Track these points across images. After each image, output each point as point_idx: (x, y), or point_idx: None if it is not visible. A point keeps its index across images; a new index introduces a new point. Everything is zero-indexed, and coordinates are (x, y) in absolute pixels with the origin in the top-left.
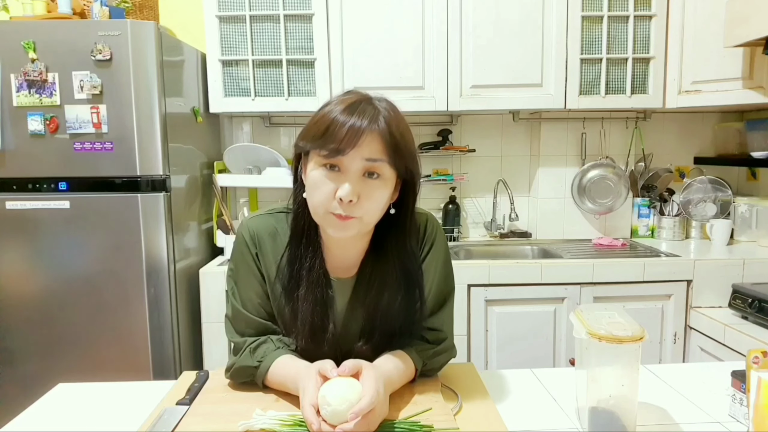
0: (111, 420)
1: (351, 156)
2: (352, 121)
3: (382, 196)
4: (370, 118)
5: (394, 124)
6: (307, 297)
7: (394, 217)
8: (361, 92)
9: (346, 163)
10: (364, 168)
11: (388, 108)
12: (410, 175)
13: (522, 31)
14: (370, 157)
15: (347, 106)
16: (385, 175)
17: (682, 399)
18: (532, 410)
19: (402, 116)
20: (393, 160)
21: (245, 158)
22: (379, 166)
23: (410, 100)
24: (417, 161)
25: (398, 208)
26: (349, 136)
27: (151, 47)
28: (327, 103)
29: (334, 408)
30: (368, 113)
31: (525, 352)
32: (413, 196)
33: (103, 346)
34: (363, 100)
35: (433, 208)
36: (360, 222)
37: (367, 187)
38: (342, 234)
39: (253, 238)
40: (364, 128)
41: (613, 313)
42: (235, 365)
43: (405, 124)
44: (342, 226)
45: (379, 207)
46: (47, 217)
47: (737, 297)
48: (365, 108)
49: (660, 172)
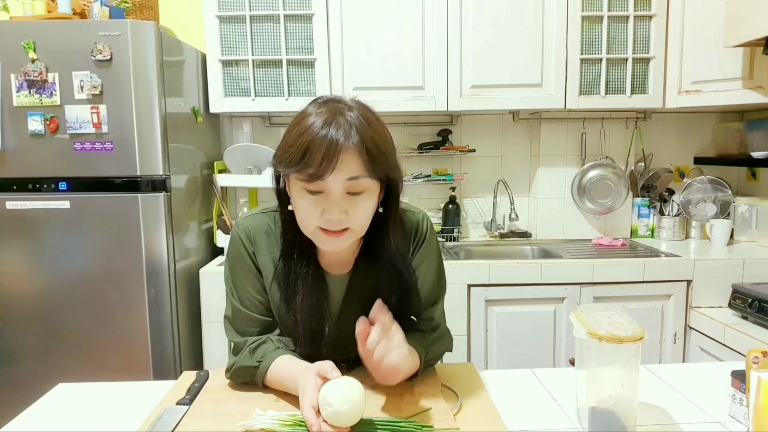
0: (111, 420)
1: (332, 180)
2: (327, 143)
3: (369, 207)
4: (345, 134)
5: (368, 135)
6: (304, 305)
7: (382, 216)
8: (332, 101)
9: (329, 187)
10: (346, 188)
11: (361, 116)
12: (392, 178)
13: (522, 31)
14: (351, 176)
15: (321, 124)
16: (369, 186)
17: (682, 399)
18: (532, 410)
19: (375, 119)
20: (373, 173)
21: (245, 158)
22: (361, 182)
23: (410, 100)
24: (397, 165)
25: (385, 205)
26: (326, 158)
27: (151, 47)
28: (299, 118)
29: (335, 409)
30: (342, 129)
31: (525, 352)
32: (396, 196)
33: (103, 346)
34: (335, 113)
35: (433, 208)
36: (352, 233)
37: (353, 202)
38: (335, 248)
39: (249, 237)
40: (340, 148)
41: (613, 313)
42: (235, 365)
43: (380, 129)
44: (334, 241)
45: (367, 215)
46: (47, 217)
47: (737, 297)
48: (338, 123)
49: (660, 172)
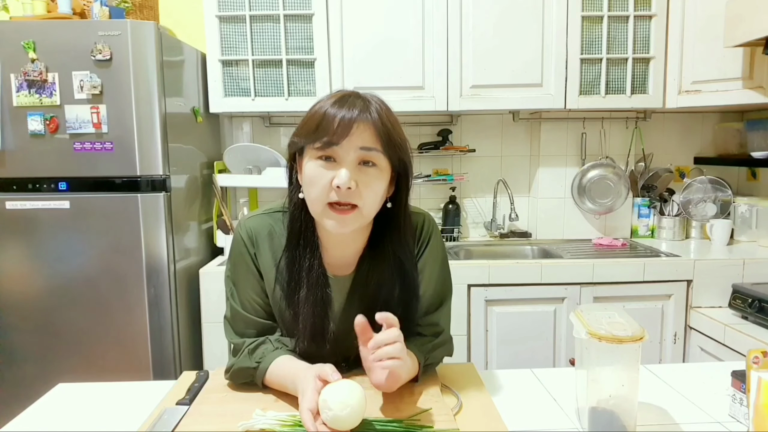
0: (111, 420)
1: (345, 146)
2: (344, 113)
3: (379, 186)
4: (361, 108)
5: (386, 115)
6: (308, 298)
7: (390, 213)
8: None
9: (341, 154)
10: (359, 157)
11: (379, 101)
12: (403, 166)
13: (522, 31)
14: (364, 146)
15: (337, 99)
16: (380, 164)
17: (682, 399)
18: (532, 410)
19: (391, 112)
20: (386, 150)
21: (245, 158)
22: (374, 155)
23: (410, 100)
24: (409, 153)
25: (393, 202)
26: (341, 126)
27: (151, 47)
28: (318, 101)
29: (335, 413)
30: (359, 105)
31: (525, 352)
32: (407, 189)
33: (103, 346)
34: (353, 94)
35: (433, 208)
36: (359, 214)
37: (364, 175)
38: (342, 229)
39: (251, 238)
40: (356, 118)
41: (613, 313)
42: (234, 366)
43: (395, 118)
44: (342, 219)
45: (376, 197)
46: (47, 217)
47: (737, 297)
48: (355, 101)
49: (660, 172)
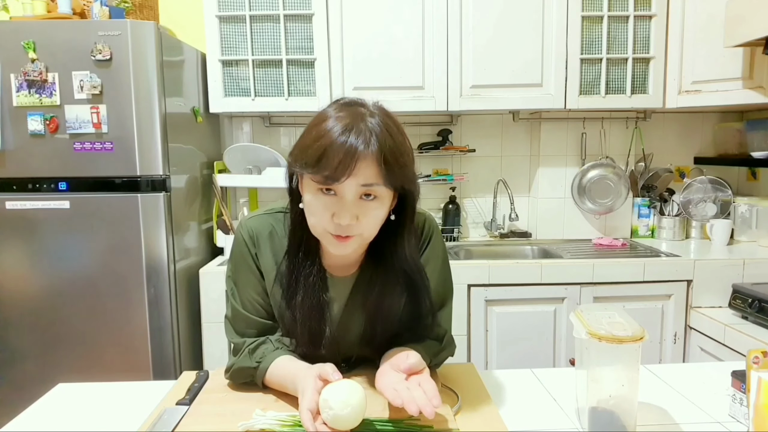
0: (111, 420)
1: (347, 184)
2: (346, 148)
3: (380, 215)
4: (364, 141)
5: (388, 145)
6: (304, 303)
7: (393, 222)
8: (354, 104)
9: (342, 190)
10: (359, 193)
11: (382, 124)
12: (407, 190)
13: (522, 31)
14: (366, 183)
15: (341, 129)
16: (382, 194)
17: (682, 399)
18: (532, 410)
19: (396, 128)
20: (388, 182)
21: (245, 158)
22: (375, 189)
23: (410, 100)
24: (414, 178)
25: (397, 214)
26: (343, 163)
27: (151, 47)
28: (319, 119)
29: (335, 413)
30: (362, 136)
31: (525, 352)
32: (412, 205)
33: (103, 346)
34: (356, 118)
35: (433, 208)
36: (360, 240)
37: (364, 207)
38: (342, 252)
39: (252, 238)
40: (359, 154)
41: (613, 313)
42: (234, 366)
43: (400, 139)
44: (341, 245)
45: (377, 223)
46: (47, 217)
47: (737, 297)
48: (359, 130)
49: (660, 172)
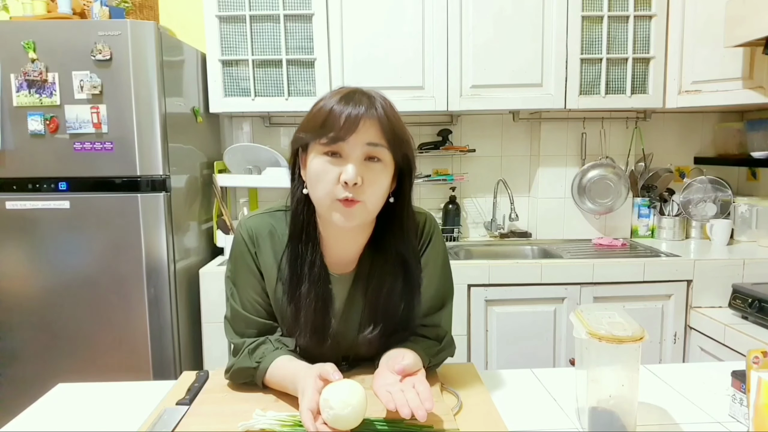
0: (111, 420)
1: (352, 142)
2: (350, 109)
3: (384, 181)
4: (367, 105)
5: (390, 111)
6: (309, 293)
7: (392, 210)
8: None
9: (348, 150)
10: (365, 153)
11: (383, 98)
12: (407, 162)
13: (522, 31)
14: (371, 142)
15: (343, 96)
16: (385, 159)
17: (682, 399)
18: (532, 410)
19: (394, 109)
20: (391, 145)
21: (245, 158)
22: (379, 150)
23: (410, 100)
24: (413, 149)
25: (396, 197)
26: (348, 122)
27: (151, 47)
28: (321, 98)
29: (336, 412)
30: (364, 101)
31: (525, 352)
32: (410, 184)
33: (103, 346)
34: (357, 90)
35: (433, 208)
36: (364, 209)
37: (370, 171)
38: (348, 223)
39: (251, 238)
40: (362, 114)
41: (613, 313)
42: (234, 366)
43: (399, 115)
44: (348, 213)
45: (381, 192)
46: (47, 217)
47: (737, 297)
48: (360, 97)
49: (660, 172)
